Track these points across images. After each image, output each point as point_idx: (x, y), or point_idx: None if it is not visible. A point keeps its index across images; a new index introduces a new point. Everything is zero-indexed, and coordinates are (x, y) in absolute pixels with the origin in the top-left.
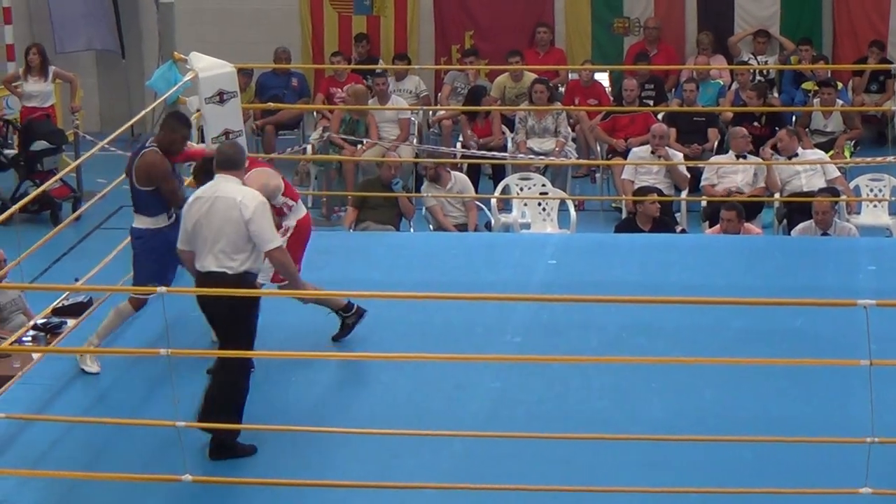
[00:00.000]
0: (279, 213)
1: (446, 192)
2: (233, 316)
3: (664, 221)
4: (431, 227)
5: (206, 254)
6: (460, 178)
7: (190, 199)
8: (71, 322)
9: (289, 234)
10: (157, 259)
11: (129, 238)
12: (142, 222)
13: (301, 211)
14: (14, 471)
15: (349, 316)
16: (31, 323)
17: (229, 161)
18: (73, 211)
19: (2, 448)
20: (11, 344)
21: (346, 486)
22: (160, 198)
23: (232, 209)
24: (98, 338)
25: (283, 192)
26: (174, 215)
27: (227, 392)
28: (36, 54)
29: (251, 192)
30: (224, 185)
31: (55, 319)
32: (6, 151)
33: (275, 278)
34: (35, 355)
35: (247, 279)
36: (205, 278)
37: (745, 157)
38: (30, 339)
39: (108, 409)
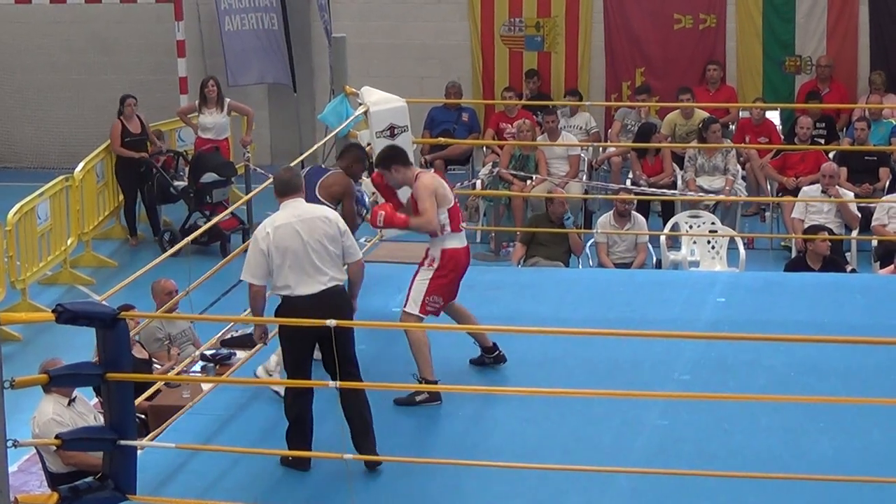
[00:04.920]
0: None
1: (623, 230)
2: (350, 330)
3: (834, 261)
4: (592, 263)
5: (312, 274)
6: (639, 220)
7: (268, 230)
8: (239, 353)
9: (436, 265)
10: None
11: None
12: None
13: (450, 242)
14: (182, 500)
15: (489, 357)
16: (199, 353)
17: (290, 185)
18: (243, 242)
19: (171, 477)
20: (181, 374)
21: None
22: None
23: (327, 226)
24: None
25: (448, 206)
26: None
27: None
28: (213, 87)
29: (329, 209)
30: (304, 206)
31: (224, 351)
32: (176, 183)
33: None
34: (205, 386)
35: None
36: (321, 299)
37: None
38: (199, 369)
39: (276, 440)
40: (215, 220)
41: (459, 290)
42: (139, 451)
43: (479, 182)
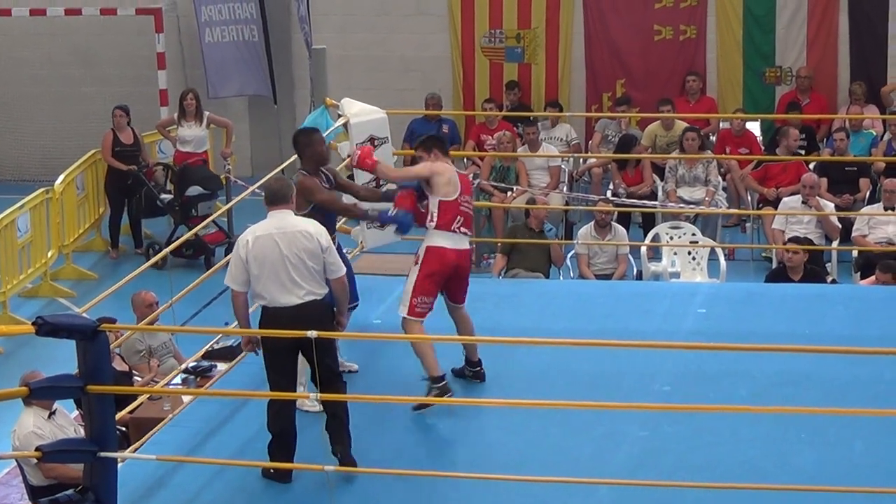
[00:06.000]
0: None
1: (604, 241)
2: (329, 343)
3: (815, 272)
4: (572, 274)
5: (290, 288)
6: (619, 231)
7: (248, 238)
8: (221, 366)
9: (419, 262)
10: None
11: None
12: None
13: (437, 240)
14: None
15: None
16: (183, 367)
17: (279, 195)
18: (226, 255)
19: (153, 490)
20: (162, 387)
21: None
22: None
23: (308, 241)
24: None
25: (441, 197)
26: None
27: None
28: (192, 99)
29: (315, 223)
30: (289, 219)
31: (205, 363)
32: (163, 196)
33: None
34: (186, 398)
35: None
36: (299, 311)
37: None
38: (180, 382)
39: (257, 452)
40: (195, 230)
41: None
42: (120, 464)
43: None
